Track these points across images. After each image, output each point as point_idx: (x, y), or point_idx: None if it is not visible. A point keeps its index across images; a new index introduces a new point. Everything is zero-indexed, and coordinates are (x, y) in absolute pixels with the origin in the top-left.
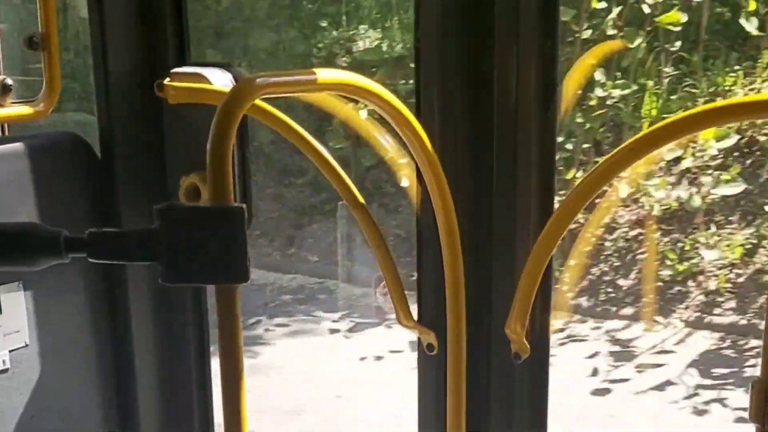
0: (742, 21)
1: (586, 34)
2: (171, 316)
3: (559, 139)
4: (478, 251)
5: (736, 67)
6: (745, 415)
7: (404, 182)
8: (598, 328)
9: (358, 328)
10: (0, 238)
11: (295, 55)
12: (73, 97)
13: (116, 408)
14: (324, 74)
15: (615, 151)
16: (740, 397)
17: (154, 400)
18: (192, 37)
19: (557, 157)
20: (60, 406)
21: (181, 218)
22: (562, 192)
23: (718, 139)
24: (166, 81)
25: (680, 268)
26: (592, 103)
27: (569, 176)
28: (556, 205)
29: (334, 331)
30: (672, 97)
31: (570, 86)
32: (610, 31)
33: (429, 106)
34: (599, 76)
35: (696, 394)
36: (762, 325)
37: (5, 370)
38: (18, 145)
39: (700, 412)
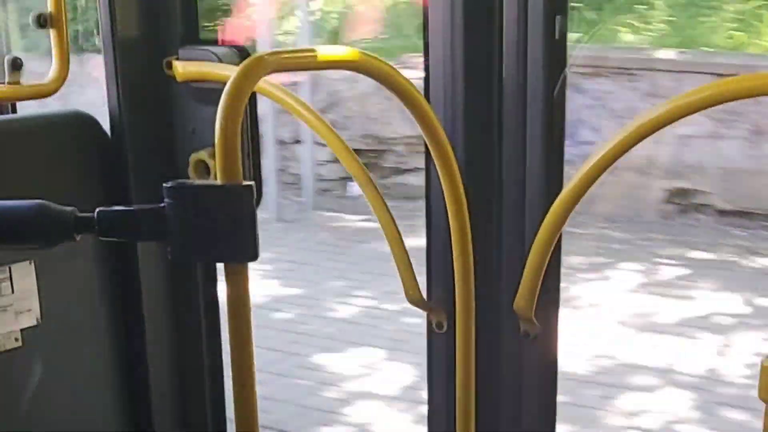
0: None
1: None
2: (182, 294)
3: None
4: (487, 228)
5: None
6: None
7: None
8: None
9: None
10: (9, 217)
11: None
12: None
13: (128, 386)
14: (334, 51)
15: (627, 125)
16: None
17: (166, 378)
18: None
19: None
20: (72, 384)
21: (190, 196)
22: None
23: None
24: (175, 59)
25: None
26: None
27: None
28: (566, 180)
29: None
30: None
31: None
32: None
33: (437, 84)
34: None
35: None
36: None
37: (18, 348)
38: (28, 123)
39: None
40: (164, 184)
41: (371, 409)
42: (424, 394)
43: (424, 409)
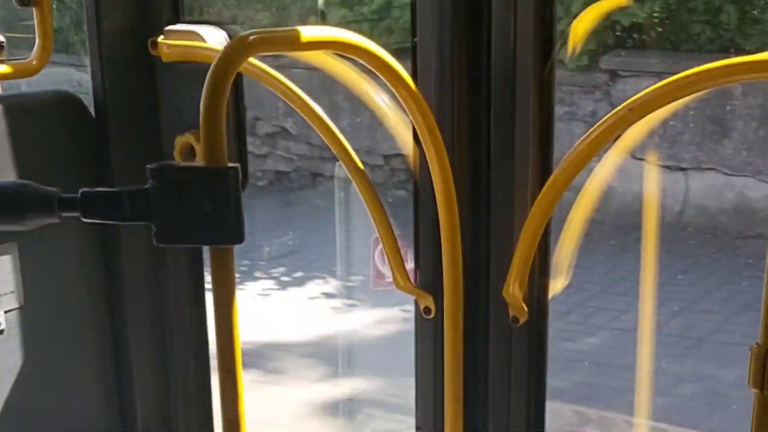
0: None
1: None
2: (167, 278)
3: None
4: (476, 214)
5: None
6: None
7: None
8: None
9: None
10: None
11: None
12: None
13: (112, 370)
14: (321, 32)
15: (616, 109)
16: None
17: (150, 361)
18: None
19: None
20: (55, 368)
21: (174, 178)
22: None
23: None
24: (160, 39)
25: None
26: None
27: None
28: (555, 166)
29: None
30: None
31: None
32: None
33: (425, 67)
34: None
35: None
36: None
37: (1, 331)
38: (10, 104)
39: None
40: (147, 166)
41: None
42: None
43: None
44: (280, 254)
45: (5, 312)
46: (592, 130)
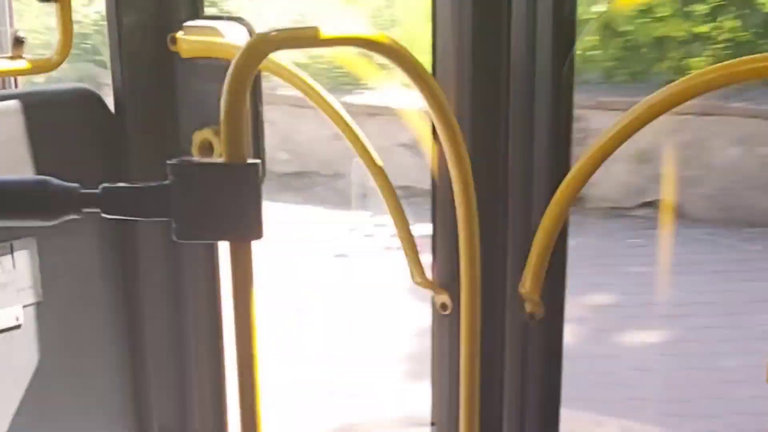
0: None
1: None
2: (183, 274)
3: None
4: (494, 210)
5: None
6: None
7: None
8: None
9: None
10: (12, 192)
11: None
12: None
13: (128, 365)
14: (341, 28)
15: (635, 105)
16: None
17: (166, 357)
18: None
19: None
20: (72, 363)
21: (194, 174)
22: None
23: None
24: (180, 35)
25: None
26: None
27: None
28: (573, 162)
29: None
30: None
31: None
32: None
33: (445, 62)
34: None
35: None
36: None
37: (18, 326)
38: (30, 99)
39: None
40: (167, 162)
41: None
42: None
43: None
44: None
45: (23, 306)
46: (610, 127)
